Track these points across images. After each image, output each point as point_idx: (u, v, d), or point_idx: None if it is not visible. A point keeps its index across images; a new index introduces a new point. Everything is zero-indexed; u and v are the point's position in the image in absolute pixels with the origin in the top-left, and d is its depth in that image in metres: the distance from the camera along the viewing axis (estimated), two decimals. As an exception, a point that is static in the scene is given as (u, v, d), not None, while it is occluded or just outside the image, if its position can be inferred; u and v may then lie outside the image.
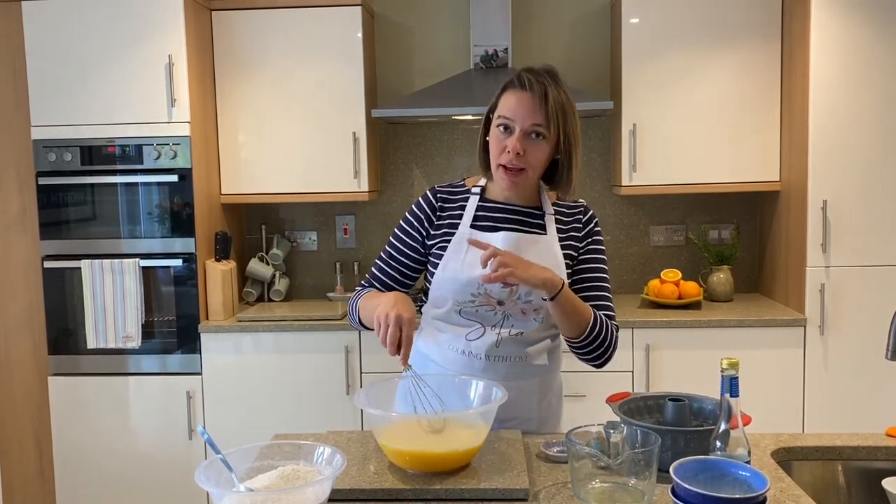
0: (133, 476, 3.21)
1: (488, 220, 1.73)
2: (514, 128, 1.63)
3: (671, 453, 1.41)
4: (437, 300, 1.74)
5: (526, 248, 1.68)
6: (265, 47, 3.34)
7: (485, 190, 1.77)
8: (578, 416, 3.00)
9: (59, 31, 3.12)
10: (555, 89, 1.63)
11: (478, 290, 1.67)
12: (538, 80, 1.63)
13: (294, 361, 3.16)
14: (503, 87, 1.68)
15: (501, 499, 1.37)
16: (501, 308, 1.69)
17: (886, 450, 1.62)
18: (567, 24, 3.62)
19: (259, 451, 1.39)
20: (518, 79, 1.64)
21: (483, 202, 1.75)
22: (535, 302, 1.68)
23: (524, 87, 1.63)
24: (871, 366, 3.00)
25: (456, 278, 1.68)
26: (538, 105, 1.61)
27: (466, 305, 1.69)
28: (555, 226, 1.74)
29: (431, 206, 1.76)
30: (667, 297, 3.25)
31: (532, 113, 1.62)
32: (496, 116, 1.67)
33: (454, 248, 1.70)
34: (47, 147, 3.16)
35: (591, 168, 3.66)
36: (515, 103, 1.63)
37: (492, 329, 1.70)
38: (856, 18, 2.92)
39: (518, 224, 1.73)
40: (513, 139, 1.63)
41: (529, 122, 1.62)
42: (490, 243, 1.57)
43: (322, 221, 3.75)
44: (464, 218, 1.73)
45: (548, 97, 1.62)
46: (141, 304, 3.15)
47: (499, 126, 1.65)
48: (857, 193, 2.98)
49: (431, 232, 1.75)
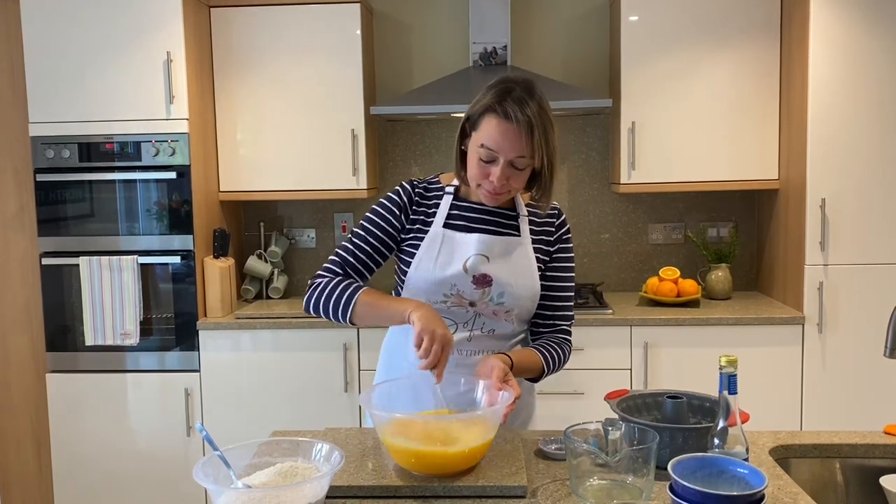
0: (131, 473, 3.21)
1: (462, 219, 1.72)
2: (497, 159, 1.59)
3: (669, 450, 1.41)
4: (410, 297, 1.73)
5: (499, 251, 1.68)
6: (264, 44, 3.33)
7: (459, 189, 1.75)
8: (577, 414, 3.00)
9: (57, 27, 3.12)
10: (538, 118, 1.56)
11: (450, 291, 1.68)
12: (523, 111, 1.55)
13: (292, 359, 3.16)
14: (486, 106, 1.59)
15: (500, 496, 1.37)
16: (473, 308, 1.70)
17: (884, 447, 1.62)
18: (566, 21, 3.62)
19: (257, 448, 1.39)
20: (501, 107, 1.56)
21: (457, 201, 1.73)
22: (507, 304, 1.69)
23: (507, 118, 1.56)
24: (870, 364, 3.01)
25: (429, 278, 1.68)
26: (524, 138, 1.56)
27: (439, 304, 1.69)
28: (528, 227, 1.74)
29: (410, 198, 1.74)
30: (665, 294, 3.25)
31: (517, 146, 1.57)
32: (479, 144, 1.60)
33: (427, 247, 1.69)
34: (45, 144, 3.15)
35: (590, 166, 3.66)
36: (499, 135, 1.57)
37: (464, 326, 1.71)
38: (855, 18, 2.92)
39: (492, 225, 1.72)
40: (496, 170, 1.59)
41: (514, 155, 1.58)
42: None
43: (320, 219, 3.75)
44: (437, 217, 1.72)
45: (533, 130, 1.56)
46: (139, 302, 3.14)
47: (480, 155, 1.60)
48: (855, 192, 2.98)
49: (406, 225, 1.73)
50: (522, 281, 1.69)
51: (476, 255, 1.67)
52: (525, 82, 1.61)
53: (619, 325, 3.07)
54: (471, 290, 1.67)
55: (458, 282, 1.67)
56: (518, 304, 1.70)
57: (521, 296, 1.69)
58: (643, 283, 3.52)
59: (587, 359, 3.08)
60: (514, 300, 1.69)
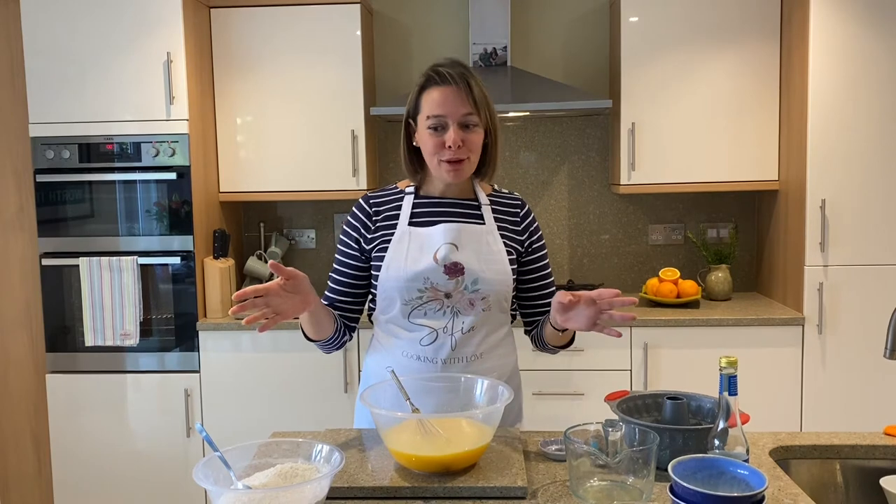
0: (131, 474, 3.21)
1: (426, 215, 1.74)
2: (447, 123, 1.65)
3: (669, 452, 1.41)
4: (385, 303, 1.74)
5: (467, 237, 1.70)
6: (264, 45, 3.33)
7: (419, 189, 1.79)
8: (577, 415, 3.00)
9: (57, 28, 3.12)
10: (473, 78, 1.66)
11: (424, 285, 1.68)
12: (456, 71, 1.65)
13: (292, 359, 3.16)
14: (420, 87, 1.69)
15: (500, 497, 1.37)
16: (449, 301, 1.69)
17: (884, 448, 1.62)
18: (566, 22, 3.62)
19: (257, 449, 1.39)
20: (437, 75, 1.66)
21: (419, 199, 1.76)
22: (482, 291, 1.70)
23: (446, 81, 1.65)
24: (870, 365, 3.01)
25: (400, 276, 1.68)
26: (465, 96, 1.64)
27: (414, 303, 1.69)
28: (492, 215, 1.76)
29: (366, 213, 1.78)
30: (665, 295, 3.25)
31: (462, 104, 1.64)
32: (424, 118, 1.67)
33: (395, 247, 1.71)
34: (45, 144, 3.15)
35: (590, 167, 3.66)
36: (441, 99, 1.65)
37: (444, 332, 1.71)
38: (855, 18, 2.92)
39: (456, 216, 1.74)
40: (450, 133, 1.64)
41: (462, 113, 1.64)
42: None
43: (320, 219, 3.75)
44: (401, 217, 1.74)
45: (470, 86, 1.65)
46: (139, 302, 3.14)
47: (430, 127, 1.66)
48: (855, 193, 2.98)
49: (368, 237, 1.75)
50: (494, 266, 1.71)
51: (445, 245, 1.68)
52: (457, 61, 1.70)
53: (619, 326, 3.07)
54: (444, 282, 1.68)
55: (431, 275, 1.67)
56: (493, 289, 1.71)
57: (494, 279, 1.70)
58: (643, 283, 3.52)
59: (587, 360, 3.08)
60: (489, 285, 1.70)
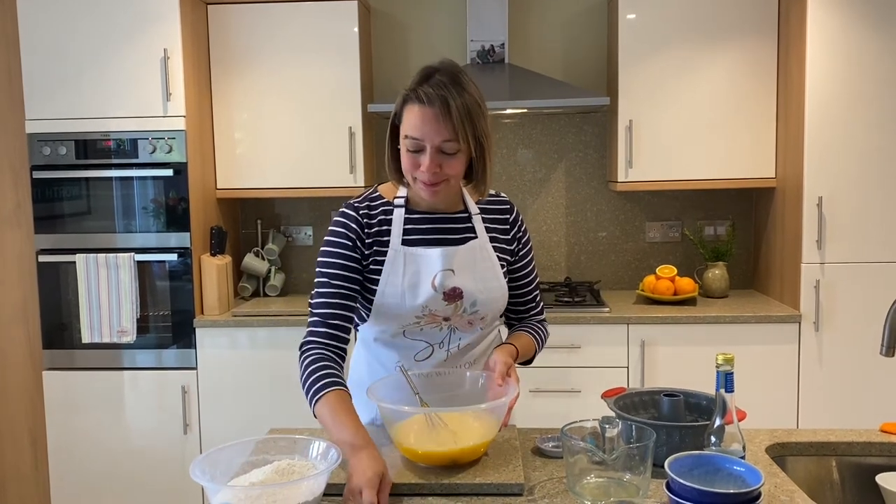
0: (128, 471, 3.21)
1: (418, 232, 1.65)
2: (424, 147, 1.52)
3: (666, 448, 1.41)
4: (379, 324, 1.67)
5: (462, 261, 1.64)
6: (261, 42, 3.33)
7: (408, 200, 1.66)
8: (574, 412, 3.01)
9: (53, 24, 3.11)
10: (456, 96, 1.50)
11: (422, 312, 1.62)
12: (437, 91, 1.50)
13: (289, 356, 3.16)
14: (403, 98, 1.55)
15: (497, 493, 1.37)
16: (447, 323, 1.66)
17: (880, 445, 1.62)
18: (564, 19, 3.61)
19: (254, 446, 1.39)
20: (416, 93, 1.52)
21: (409, 214, 1.65)
22: (480, 312, 1.66)
23: (422, 101, 1.50)
24: (866, 362, 3.01)
25: (400, 304, 1.61)
26: (442, 119, 1.50)
27: (412, 327, 1.65)
28: (483, 224, 1.70)
29: (359, 223, 1.63)
30: (662, 293, 3.25)
31: (438, 129, 1.50)
32: (405, 136, 1.54)
33: (390, 269, 1.61)
34: (42, 141, 3.14)
35: (587, 164, 3.66)
36: (419, 121, 1.51)
37: (440, 347, 1.69)
38: (852, 16, 2.92)
39: (448, 233, 1.66)
40: (426, 159, 1.52)
41: (438, 140, 1.51)
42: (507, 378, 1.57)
43: (318, 216, 3.75)
44: (392, 235, 1.62)
45: (450, 108, 1.49)
46: (136, 299, 3.14)
47: (407, 148, 1.54)
48: (852, 190, 2.99)
49: (366, 252, 1.63)
50: (490, 284, 1.67)
51: (442, 272, 1.61)
52: (448, 67, 1.56)
53: (616, 324, 3.07)
54: (443, 307, 1.62)
55: (430, 303, 1.61)
56: (490, 308, 1.68)
57: (492, 298, 1.67)
58: (640, 281, 3.52)
59: (584, 357, 3.08)
60: (486, 305, 1.67)
